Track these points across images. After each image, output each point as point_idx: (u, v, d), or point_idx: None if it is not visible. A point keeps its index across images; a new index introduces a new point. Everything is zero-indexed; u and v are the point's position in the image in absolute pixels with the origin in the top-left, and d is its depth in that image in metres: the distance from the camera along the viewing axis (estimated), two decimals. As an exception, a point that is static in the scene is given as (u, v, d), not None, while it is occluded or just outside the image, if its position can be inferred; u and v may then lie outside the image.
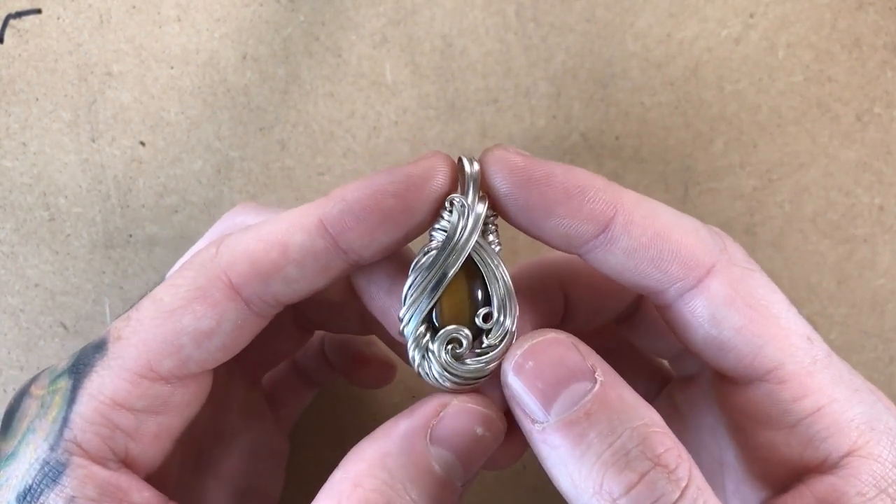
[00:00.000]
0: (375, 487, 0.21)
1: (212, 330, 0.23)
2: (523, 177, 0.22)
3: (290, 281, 0.23)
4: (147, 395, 0.23)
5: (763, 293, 0.23)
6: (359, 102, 0.36)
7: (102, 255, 0.36)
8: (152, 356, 0.23)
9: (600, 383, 0.21)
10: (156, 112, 0.36)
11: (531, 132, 0.37)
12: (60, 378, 0.24)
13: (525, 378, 0.22)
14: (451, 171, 0.23)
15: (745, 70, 0.36)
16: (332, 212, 0.22)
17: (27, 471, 0.22)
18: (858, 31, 0.36)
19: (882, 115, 0.36)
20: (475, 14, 0.36)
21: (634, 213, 0.22)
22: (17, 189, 0.36)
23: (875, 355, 0.38)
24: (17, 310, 0.36)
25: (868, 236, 0.37)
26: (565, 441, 0.21)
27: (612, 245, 0.22)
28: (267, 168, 0.36)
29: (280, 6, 0.36)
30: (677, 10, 0.36)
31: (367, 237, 0.22)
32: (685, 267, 0.22)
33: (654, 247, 0.22)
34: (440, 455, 0.22)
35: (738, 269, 0.23)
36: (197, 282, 0.23)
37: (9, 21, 0.35)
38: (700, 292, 0.22)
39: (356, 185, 0.22)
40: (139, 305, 0.24)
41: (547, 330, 0.22)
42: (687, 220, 0.23)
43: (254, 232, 0.23)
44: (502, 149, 0.22)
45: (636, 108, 0.36)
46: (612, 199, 0.22)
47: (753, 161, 0.37)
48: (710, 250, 0.23)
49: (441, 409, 0.23)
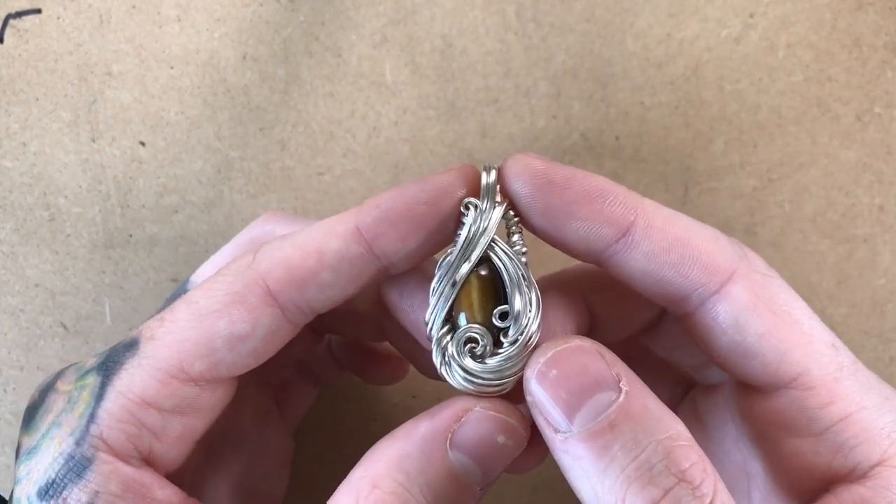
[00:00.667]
0: (392, 490, 0.21)
1: (246, 334, 0.23)
2: (543, 180, 0.22)
3: (325, 287, 0.23)
4: (175, 395, 0.23)
5: (785, 298, 0.23)
6: (359, 102, 0.36)
7: (102, 255, 0.36)
8: (185, 357, 0.23)
9: (625, 393, 0.21)
10: (156, 112, 0.36)
11: (531, 132, 0.37)
12: (89, 374, 0.24)
13: (548, 386, 0.21)
14: (476, 181, 0.23)
15: (745, 70, 0.36)
16: (367, 219, 0.23)
17: (50, 465, 0.22)
18: (858, 31, 0.36)
19: (882, 115, 0.36)
20: (475, 14, 0.36)
21: (654, 218, 0.22)
22: (17, 189, 0.36)
23: (875, 355, 0.38)
24: (17, 310, 0.36)
25: (868, 236, 0.37)
26: (588, 453, 0.20)
27: (633, 250, 0.22)
28: (267, 168, 0.36)
29: (280, 6, 0.36)
30: (677, 10, 0.36)
31: (400, 242, 0.23)
32: (706, 272, 0.22)
33: (674, 251, 0.22)
34: (460, 460, 0.22)
35: (758, 275, 0.23)
36: (234, 286, 0.23)
37: (9, 21, 0.35)
38: (722, 298, 0.22)
39: (389, 193, 0.23)
40: (173, 307, 0.24)
41: (572, 337, 0.22)
42: (706, 227, 0.23)
43: (290, 240, 0.24)
44: (523, 153, 0.23)
45: (636, 108, 0.36)
46: (633, 203, 0.22)
47: (753, 161, 0.37)
48: (731, 256, 0.23)
49: (463, 414, 0.22)
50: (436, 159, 0.37)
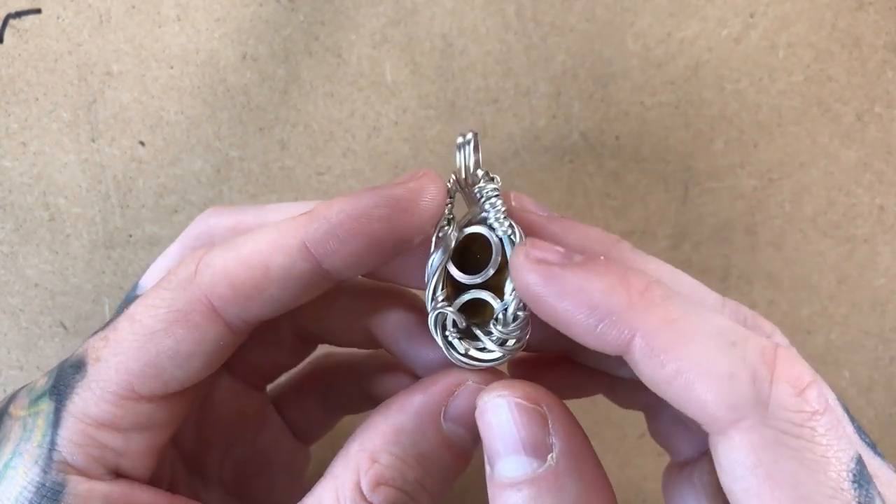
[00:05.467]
0: (391, 464, 0.22)
1: (192, 352, 0.23)
2: (538, 294, 0.21)
3: (272, 301, 0.22)
4: (131, 414, 0.23)
5: (791, 469, 0.19)
6: (359, 102, 0.36)
7: (102, 255, 0.36)
8: (133, 378, 0.22)
9: (548, 468, 0.20)
10: (155, 112, 0.36)
11: (531, 132, 0.37)
12: (41, 400, 0.23)
13: (482, 423, 0.21)
14: (440, 193, 0.22)
15: (745, 70, 0.36)
16: (315, 234, 0.21)
17: (20, 494, 0.22)
18: (858, 31, 0.36)
19: (882, 115, 0.36)
20: (475, 14, 0.36)
21: (656, 342, 0.19)
22: (17, 189, 0.36)
23: (875, 355, 0.38)
24: (17, 310, 0.36)
25: (868, 236, 0.37)
26: (498, 500, 0.21)
27: (636, 368, 0.20)
28: (267, 168, 0.36)
29: (280, 6, 0.36)
30: (677, 10, 0.36)
31: (351, 260, 0.22)
32: (710, 418, 0.19)
33: (677, 383, 0.19)
34: (454, 431, 0.23)
35: (770, 431, 0.19)
36: (176, 304, 0.22)
37: (9, 21, 0.35)
38: (725, 440, 0.19)
39: (340, 203, 0.21)
40: (116, 325, 0.23)
41: (523, 384, 0.22)
42: (722, 357, 0.19)
43: (234, 252, 0.22)
44: (523, 252, 0.21)
45: (636, 108, 0.36)
46: (629, 322, 0.20)
47: (754, 161, 0.37)
48: (743, 402, 0.19)
49: (456, 388, 0.23)
50: (436, 159, 0.37)
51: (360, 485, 0.22)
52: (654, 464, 0.39)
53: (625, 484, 0.39)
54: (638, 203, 0.37)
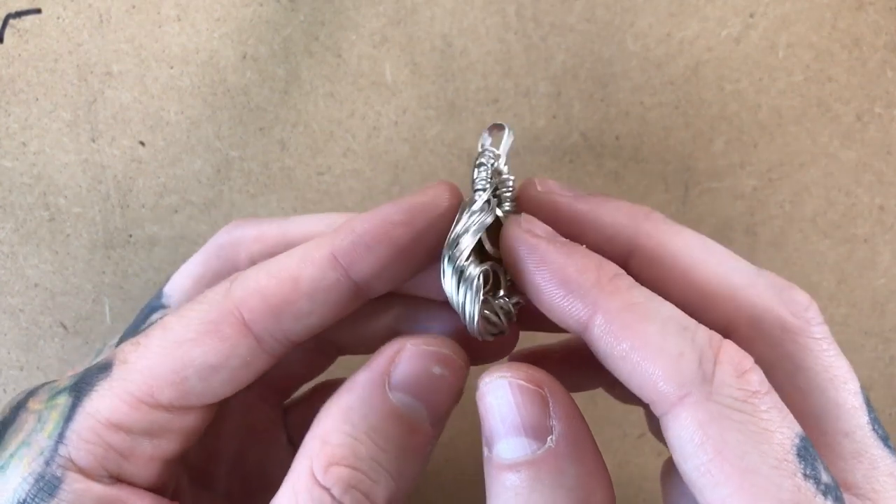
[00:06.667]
0: (341, 442, 0.21)
1: (219, 365, 0.23)
2: (521, 258, 0.22)
3: (302, 315, 0.23)
4: (145, 419, 0.23)
5: (737, 440, 0.19)
6: (359, 102, 0.36)
7: (102, 255, 0.36)
8: (155, 383, 0.23)
9: (547, 449, 0.20)
10: (155, 112, 0.36)
11: (531, 132, 0.37)
12: (60, 395, 0.24)
13: (482, 405, 0.22)
14: (455, 200, 0.23)
15: (745, 70, 0.36)
16: (342, 244, 0.23)
17: (20, 484, 0.22)
18: (858, 31, 0.36)
19: (882, 115, 0.36)
20: (475, 14, 0.36)
21: (614, 321, 0.21)
22: (17, 189, 0.36)
23: (875, 355, 0.38)
24: (17, 310, 0.36)
25: (868, 236, 0.37)
26: (494, 481, 0.21)
27: (594, 346, 0.21)
28: (267, 168, 0.36)
29: (280, 6, 0.36)
30: (677, 10, 0.36)
31: (377, 267, 0.23)
32: (657, 393, 0.20)
33: (627, 362, 0.20)
34: (401, 400, 0.22)
35: (714, 405, 0.19)
36: (209, 315, 0.23)
37: (9, 21, 0.35)
38: (672, 419, 0.20)
39: (364, 217, 0.23)
40: (149, 332, 0.24)
41: (525, 367, 0.22)
42: (672, 338, 0.20)
43: (266, 268, 0.23)
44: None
45: (636, 108, 0.36)
46: (594, 301, 0.21)
47: (753, 161, 0.37)
48: (688, 379, 0.20)
49: (396, 355, 0.23)
50: (436, 159, 0.37)
51: (313, 469, 0.21)
52: (653, 463, 0.39)
53: (624, 483, 0.39)
54: (638, 203, 0.37)
